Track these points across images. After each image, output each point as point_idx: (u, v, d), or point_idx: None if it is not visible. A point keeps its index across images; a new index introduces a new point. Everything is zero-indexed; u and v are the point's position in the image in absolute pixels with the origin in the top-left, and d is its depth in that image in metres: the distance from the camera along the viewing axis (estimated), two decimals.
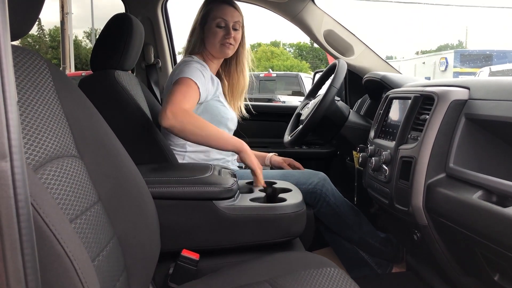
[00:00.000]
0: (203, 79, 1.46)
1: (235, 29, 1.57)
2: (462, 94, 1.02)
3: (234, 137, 1.40)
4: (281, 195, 1.22)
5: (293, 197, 1.19)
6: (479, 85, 1.02)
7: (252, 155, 1.35)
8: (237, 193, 1.15)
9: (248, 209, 1.12)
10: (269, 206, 1.14)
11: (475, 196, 0.84)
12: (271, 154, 1.81)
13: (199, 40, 1.59)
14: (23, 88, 0.68)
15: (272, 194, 1.28)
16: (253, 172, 1.33)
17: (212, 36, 1.56)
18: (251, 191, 1.25)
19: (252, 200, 1.16)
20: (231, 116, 1.63)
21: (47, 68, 0.77)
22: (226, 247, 1.13)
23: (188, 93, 1.37)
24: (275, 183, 1.33)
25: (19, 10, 0.67)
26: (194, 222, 1.09)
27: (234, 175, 1.24)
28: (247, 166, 1.35)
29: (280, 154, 1.87)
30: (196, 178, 1.11)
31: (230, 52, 1.59)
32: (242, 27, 1.61)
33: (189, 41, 1.63)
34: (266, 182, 1.34)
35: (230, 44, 1.56)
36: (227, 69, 1.69)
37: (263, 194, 1.22)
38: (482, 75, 9.98)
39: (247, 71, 1.70)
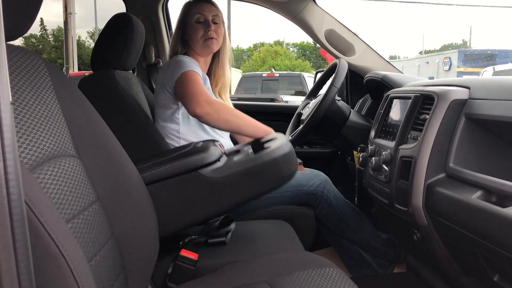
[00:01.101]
0: (200, 70, 1.48)
1: (215, 23, 1.58)
2: (462, 93, 1.01)
3: (262, 124, 1.41)
4: (266, 145, 1.20)
5: (277, 141, 1.17)
6: (480, 84, 1.02)
7: None
8: (221, 156, 1.13)
9: (235, 166, 1.10)
10: (254, 156, 1.11)
11: (475, 196, 0.84)
12: None
13: (182, 41, 1.61)
14: (21, 88, 0.68)
15: (260, 148, 1.25)
16: None
17: (193, 33, 1.57)
18: (238, 153, 1.23)
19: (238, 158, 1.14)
20: None
21: (45, 68, 0.76)
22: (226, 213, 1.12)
23: (202, 84, 1.40)
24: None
25: (16, 9, 0.66)
26: (186, 197, 1.07)
27: (214, 142, 1.22)
28: None
29: None
30: (177, 154, 1.11)
31: (215, 47, 1.60)
32: (223, 22, 1.62)
33: (173, 45, 1.64)
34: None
35: (213, 38, 1.57)
36: (210, 66, 1.69)
37: (250, 151, 1.20)
38: (486, 74, 9.95)
39: (228, 66, 1.70)
